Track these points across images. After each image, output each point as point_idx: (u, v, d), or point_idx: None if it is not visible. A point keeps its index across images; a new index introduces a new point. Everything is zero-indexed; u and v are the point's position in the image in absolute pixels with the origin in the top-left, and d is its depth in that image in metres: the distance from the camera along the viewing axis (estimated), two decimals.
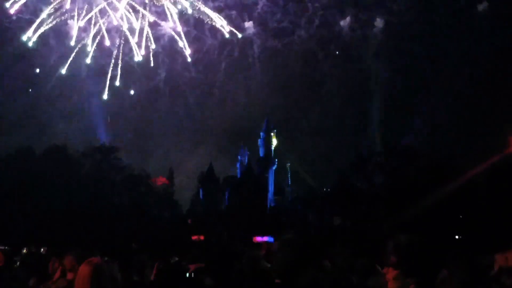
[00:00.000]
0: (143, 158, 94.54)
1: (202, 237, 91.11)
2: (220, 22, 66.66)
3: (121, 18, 65.93)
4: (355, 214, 72.55)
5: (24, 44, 68.31)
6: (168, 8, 65.70)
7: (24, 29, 66.80)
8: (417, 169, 70.80)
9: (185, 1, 64.92)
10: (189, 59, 70.08)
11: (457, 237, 65.21)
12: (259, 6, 68.02)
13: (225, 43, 69.60)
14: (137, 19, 65.71)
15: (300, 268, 4.71)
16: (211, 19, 66.52)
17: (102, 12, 66.00)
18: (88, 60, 70.80)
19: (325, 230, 75.54)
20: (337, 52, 71.99)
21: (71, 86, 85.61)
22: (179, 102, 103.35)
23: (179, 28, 67.60)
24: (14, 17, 64.90)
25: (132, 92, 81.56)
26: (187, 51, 69.73)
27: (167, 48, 71.69)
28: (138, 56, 69.15)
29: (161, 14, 67.96)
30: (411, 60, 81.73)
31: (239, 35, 67.38)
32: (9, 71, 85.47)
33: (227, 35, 66.67)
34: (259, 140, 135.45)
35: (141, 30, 67.62)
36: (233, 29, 66.48)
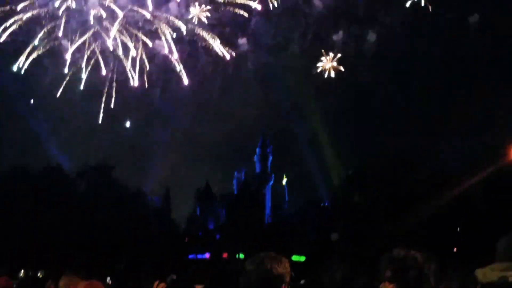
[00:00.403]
0: (140, 177, 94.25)
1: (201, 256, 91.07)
2: (213, 41, 66.76)
3: (115, 40, 65.91)
4: (353, 228, 72.40)
5: (17, 72, 68.14)
6: (163, 33, 65.79)
7: (16, 53, 66.63)
8: (413, 180, 70.73)
9: (181, 24, 64.99)
10: (186, 83, 70.06)
11: (455, 249, 65.20)
12: (252, 23, 68.15)
13: (219, 60, 69.55)
14: (131, 40, 65.73)
15: None
16: (205, 40, 66.63)
17: (96, 35, 66.03)
18: (82, 86, 70.76)
19: (324, 246, 75.40)
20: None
21: (66, 108, 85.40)
22: (175, 120, 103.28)
23: (176, 55, 67.76)
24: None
25: (128, 123, 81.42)
26: (184, 77, 69.81)
27: (162, 66, 71.73)
28: (134, 81, 69.17)
29: (155, 32, 68.06)
30: (403, 72, 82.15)
31: (227, 57, 67.41)
32: (3, 94, 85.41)
33: (227, 56, 66.71)
34: (255, 156, 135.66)
35: (136, 51, 67.68)
36: (224, 51, 66.45)
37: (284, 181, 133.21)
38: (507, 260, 5.59)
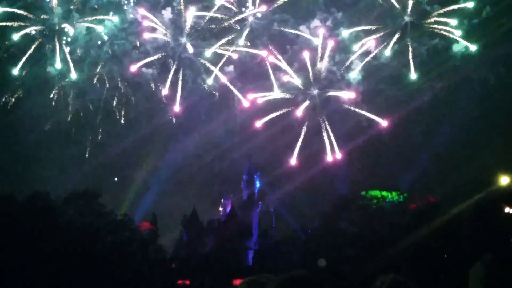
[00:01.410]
0: (126, 203, 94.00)
1: (187, 282, 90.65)
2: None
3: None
4: (339, 255, 72.50)
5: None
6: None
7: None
8: (399, 209, 71.15)
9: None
10: (177, 109, 70.66)
11: (442, 276, 65.35)
12: (239, 50, 68.84)
13: (204, 89, 70.13)
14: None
15: None
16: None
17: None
18: (69, 118, 71.15)
19: (310, 272, 75.35)
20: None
21: (55, 138, 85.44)
22: (161, 147, 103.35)
23: (166, 91, 68.51)
24: None
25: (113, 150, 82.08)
26: (177, 107, 70.46)
27: (148, 94, 72.19)
28: (120, 118, 69.85)
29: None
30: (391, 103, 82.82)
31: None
32: None
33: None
34: (242, 182, 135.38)
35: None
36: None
37: (271, 208, 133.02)
38: None
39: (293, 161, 75.13)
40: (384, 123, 69.88)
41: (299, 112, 73.03)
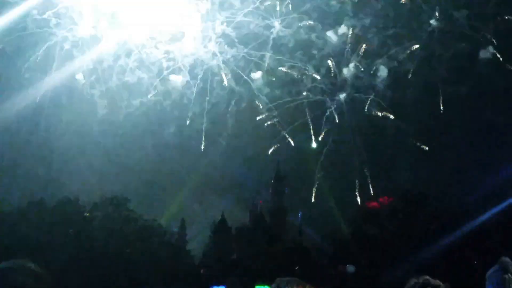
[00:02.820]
0: (155, 209, 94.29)
1: None
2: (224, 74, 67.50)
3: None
4: (369, 261, 72.19)
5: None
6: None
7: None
8: (428, 214, 70.64)
9: None
10: (205, 120, 70.82)
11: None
12: (267, 56, 68.70)
13: (232, 93, 70.06)
14: None
15: None
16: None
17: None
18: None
19: (339, 278, 75.10)
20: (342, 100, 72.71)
21: (83, 141, 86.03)
22: (189, 153, 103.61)
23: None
24: None
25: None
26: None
27: (177, 99, 72.34)
28: None
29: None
30: (415, 106, 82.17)
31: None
32: (21, 125, 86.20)
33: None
34: (270, 188, 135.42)
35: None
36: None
37: (299, 214, 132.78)
38: None
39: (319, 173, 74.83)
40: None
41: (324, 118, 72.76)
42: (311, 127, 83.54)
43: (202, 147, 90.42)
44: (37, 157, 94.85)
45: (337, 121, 76.12)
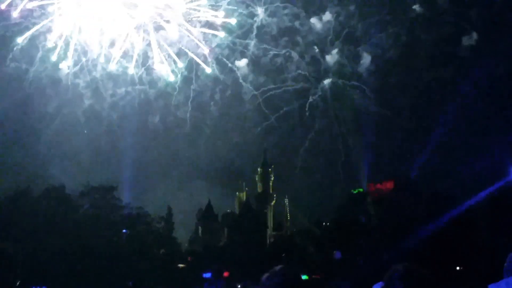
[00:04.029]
0: (141, 197, 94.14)
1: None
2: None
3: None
4: (355, 247, 72.39)
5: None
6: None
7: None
8: (416, 200, 70.80)
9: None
10: (190, 108, 70.66)
11: (458, 268, 65.18)
12: (251, 44, 68.61)
13: (217, 82, 70.03)
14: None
15: None
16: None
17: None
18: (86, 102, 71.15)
19: (326, 265, 75.34)
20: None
21: (69, 128, 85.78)
22: (175, 141, 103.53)
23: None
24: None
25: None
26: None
27: (161, 88, 72.17)
28: None
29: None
30: (400, 93, 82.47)
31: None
32: (8, 115, 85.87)
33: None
34: (256, 175, 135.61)
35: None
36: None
37: (286, 200, 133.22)
38: None
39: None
40: None
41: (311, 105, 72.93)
42: (295, 114, 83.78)
43: (187, 135, 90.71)
44: (23, 147, 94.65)
45: (321, 107, 76.49)
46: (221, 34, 66.91)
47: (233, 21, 66.30)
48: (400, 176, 79.97)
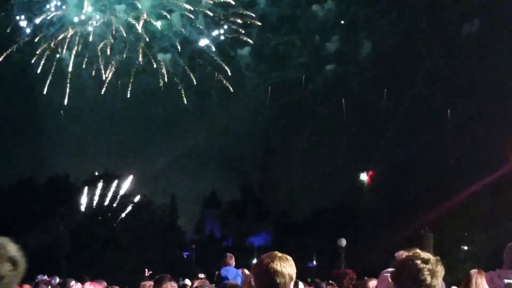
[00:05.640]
0: (146, 184, 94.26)
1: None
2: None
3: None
4: (359, 234, 72.49)
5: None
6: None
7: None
8: (418, 185, 70.86)
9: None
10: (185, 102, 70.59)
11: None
12: (253, 32, 68.45)
13: (219, 71, 69.87)
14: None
15: None
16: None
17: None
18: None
19: (330, 252, 75.47)
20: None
21: (73, 117, 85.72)
22: (177, 129, 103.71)
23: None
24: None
25: None
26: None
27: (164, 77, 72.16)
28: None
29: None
30: (402, 79, 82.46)
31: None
32: (10, 102, 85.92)
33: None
34: (259, 163, 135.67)
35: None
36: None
37: (289, 187, 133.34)
38: None
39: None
40: None
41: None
42: (297, 101, 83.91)
43: (190, 123, 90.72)
44: (26, 137, 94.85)
45: (322, 94, 76.56)
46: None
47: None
48: (402, 162, 79.81)
